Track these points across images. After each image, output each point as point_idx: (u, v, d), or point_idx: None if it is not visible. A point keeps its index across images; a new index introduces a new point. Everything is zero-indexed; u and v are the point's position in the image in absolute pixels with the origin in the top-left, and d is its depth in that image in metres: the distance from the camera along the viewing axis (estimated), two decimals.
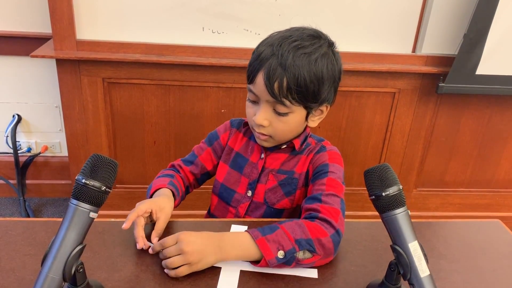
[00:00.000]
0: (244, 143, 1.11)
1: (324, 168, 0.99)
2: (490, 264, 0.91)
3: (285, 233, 0.85)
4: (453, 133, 2.13)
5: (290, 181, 1.05)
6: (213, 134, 1.16)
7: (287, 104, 0.91)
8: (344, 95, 1.97)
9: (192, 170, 1.14)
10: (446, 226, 1.06)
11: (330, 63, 0.93)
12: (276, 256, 0.83)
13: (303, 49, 0.90)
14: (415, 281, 0.71)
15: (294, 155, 1.05)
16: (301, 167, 1.05)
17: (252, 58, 0.95)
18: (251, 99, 0.97)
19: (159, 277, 0.81)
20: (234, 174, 1.11)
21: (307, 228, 0.86)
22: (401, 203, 0.73)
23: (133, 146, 2.01)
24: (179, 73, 1.85)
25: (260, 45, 0.95)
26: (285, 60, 0.88)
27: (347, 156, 2.12)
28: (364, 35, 1.89)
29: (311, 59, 0.90)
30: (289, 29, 0.96)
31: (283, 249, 0.83)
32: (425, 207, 2.31)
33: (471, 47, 1.82)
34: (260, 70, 0.91)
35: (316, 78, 0.90)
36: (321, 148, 1.05)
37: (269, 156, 1.07)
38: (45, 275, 0.65)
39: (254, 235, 0.85)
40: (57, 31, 1.74)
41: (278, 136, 0.99)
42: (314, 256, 0.85)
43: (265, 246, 0.83)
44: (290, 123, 0.96)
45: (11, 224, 0.92)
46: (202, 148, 1.15)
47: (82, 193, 0.67)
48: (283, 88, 0.89)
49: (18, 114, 2.15)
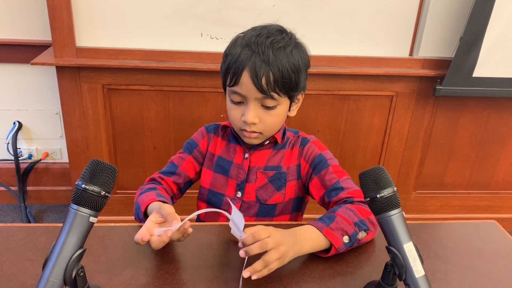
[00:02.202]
0: (225, 146, 1.13)
1: (321, 159, 1.06)
2: (486, 265, 0.92)
3: (344, 219, 0.91)
4: (451, 135, 2.15)
5: (279, 176, 1.09)
6: (190, 143, 1.17)
7: (275, 97, 0.96)
8: (342, 99, 1.99)
9: (175, 180, 1.13)
10: (442, 227, 1.07)
11: (302, 52, 1.00)
12: (343, 242, 0.89)
13: (278, 43, 0.95)
14: (411, 281, 0.72)
15: (278, 149, 1.10)
16: (287, 161, 1.09)
17: (229, 61, 0.97)
18: (235, 101, 0.99)
19: (159, 281, 0.82)
20: (220, 178, 1.12)
21: (357, 210, 0.93)
22: (396, 204, 0.74)
23: (133, 152, 2.03)
24: (178, 79, 1.87)
25: (232, 48, 0.98)
26: (267, 56, 0.93)
27: (346, 160, 2.13)
28: (361, 39, 1.91)
29: (287, 52, 0.95)
30: (254, 28, 1.00)
31: (347, 234, 0.89)
32: (425, 209, 2.32)
33: (467, 49, 1.84)
34: (244, 70, 0.94)
35: (295, 68, 0.96)
36: (303, 140, 1.11)
37: (253, 155, 1.10)
38: (46, 279, 0.66)
39: (319, 227, 0.89)
40: (57, 38, 1.76)
41: (269, 130, 1.03)
42: (369, 233, 0.93)
43: (332, 235, 0.88)
44: (278, 115, 1.01)
45: (12, 230, 0.93)
46: (182, 158, 1.15)
47: (82, 198, 0.68)
48: (270, 82, 0.94)
49: (19, 121, 2.16)
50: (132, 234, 0.94)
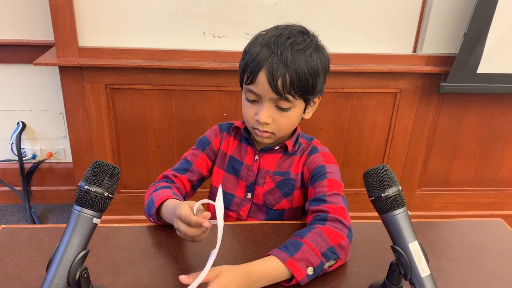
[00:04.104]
0: (236, 146, 1.12)
1: (321, 170, 1.02)
2: (491, 263, 0.92)
3: (311, 248, 0.85)
4: (455, 132, 2.13)
5: (287, 182, 1.07)
6: (203, 140, 1.15)
7: (290, 99, 0.95)
8: (346, 97, 1.98)
9: (189, 178, 1.11)
10: (448, 225, 1.06)
11: (322, 56, 0.98)
12: (306, 274, 0.83)
13: (298, 45, 0.93)
14: (416, 281, 0.71)
15: (288, 155, 1.08)
16: (295, 168, 1.07)
17: (248, 60, 0.96)
18: (250, 99, 0.98)
19: (162, 281, 0.82)
20: (231, 179, 1.12)
21: (327, 235, 0.87)
22: (401, 203, 0.73)
23: (137, 151, 2.03)
24: (181, 77, 1.86)
25: (252, 46, 0.97)
26: (285, 58, 0.91)
27: (350, 157, 2.13)
28: (364, 36, 1.90)
29: (307, 54, 0.94)
30: (276, 27, 0.99)
31: (312, 265, 0.84)
32: (429, 206, 2.31)
33: (471, 46, 1.82)
34: (261, 70, 0.93)
35: (313, 71, 0.95)
36: (313, 149, 1.08)
37: (263, 157, 1.08)
38: (50, 281, 0.66)
39: (282, 258, 0.84)
40: (59, 38, 1.76)
41: (281, 131, 1.01)
42: (338, 261, 0.88)
43: (295, 267, 0.83)
44: (292, 117, 0.99)
45: (16, 231, 0.93)
46: (196, 155, 1.13)
47: (85, 199, 0.68)
48: (286, 84, 0.92)
49: (23, 121, 2.17)
50: (135, 234, 0.95)
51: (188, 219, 0.80)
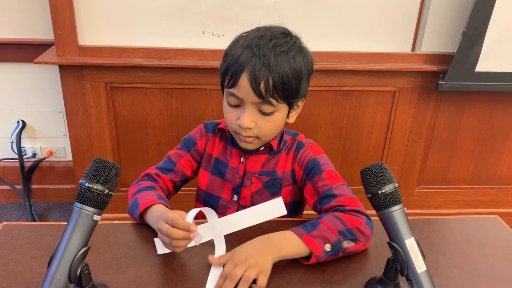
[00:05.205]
0: (222, 148, 1.11)
1: (315, 164, 1.02)
2: (488, 259, 0.92)
3: (328, 227, 0.88)
4: (454, 130, 2.14)
5: (274, 182, 1.07)
6: (188, 140, 1.14)
7: (273, 103, 0.93)
8: (344, 95, 1.99)
9: (172, 178, 1.10)
10: (445, 222, 1.07)
11: (305, 58, 0.96)
12: (324, 250, 0.86)
13: (281, 47, 0.91)
14: (412, 276, 0.72)
15: (274, 154, 1.07)
16: (282, 166, 1.06)
17: (229, 62, 0.93)
18: (232, 103, 0.96)
19: (162, 278, 0.82)
20: (216, 181, 1.11)
21: (345, 219, 0.90)
22: (397, 200, 0.74)
23: (137, 150, 2.03)
24: (180, 76, 1.87)
25: (234, 48, 0.94)
26: (268, 60, 0.89)
27: (348, 156, 2.13)
28: (363, 35, 1.90)
29: (290, 56, 0.92)
30: (258, 29, 0.96)
31: (329, 242, 0.86)
32: (428, 204, 2.32)
33: (470, 44, 1.83)
34: (242, 72, 0.90)
35: (297, 74, 0.93)
36: (299, 144, 1.07)
37: (249, 159, 1.07)
38: (51, 277, 0.67)
39: (299, 234, 0.87)
40: (59, 37, 1.76)
41: (265, 136, 0.99)
42: (357, 243, 0.89)
43: (312, 243, 0.86)
44: (276, 121, 0.97)
45: (17, 228, 0.94)
46: (180, 155, 1.12)
47: (85, 196, 0.69)
48: (269, 88, 0.90)
49: (23, 120, 2.18)
50: (136, 231, 0.96)
51: (176, 221, 0.82)
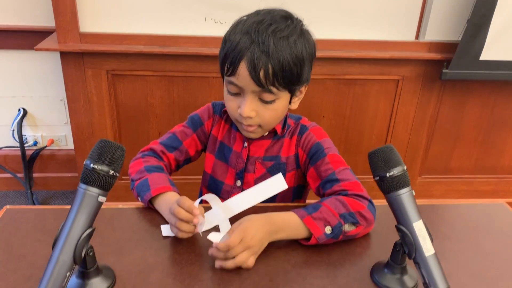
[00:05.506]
0: (226, 131, 1.09)
1: (318, 148, 1.01)
2: (494, 245, 0.92)
3: (329, 209, 0.88)
4: (457, 120, 2.13)
5: (278, 167, 1.05)
6: (196, 120, 1.11)
7: (274, 91, 0.90)
8: (347, 83, 1.97)
9: (176, 157, 1.09)
10: (451, 208, 1.06)
11: (306, 42, 0.92)
12: (324, 232, 0.86)
13: (281, 32, 0.87)
14: (420, 260, 0.72)
15: (277, 139, 1.05)
16: (286, 150, 1.05)
17: (227, 49, 0.90)
18: (232, 92, 0.93)
19: (166, 261, 0.82)
20: (220, 165, 1.10)
21: (347, 202, 0.89)
22: (406, 183, 0.73)
23: (138, 138, 2.02)
24: (182, 64, 1.86)
25: (232, 34, 0.90)
26: (267, 47, 0.85)
27: (351, 145, 2.13)
28: (367, 23, 1.89)
29: (290, 42, 0.88)
30: (258, 12, 0.92)
31: (330, 224, 0.86)
32: (430, 194, 2.32)
33: (474, 32, 1.82)
34: (241, 61, 0.87)
35: (298, 60, 0.89)
36: (302, 128, 1.05)
37: (252, 144, 1.05)
38: (56, 258, 0.66)
39: (300, 215, 0.87)
40: (60, 24, 1.75)
41: (267, 124, 0.97)
42: (358, 227, 0.89)
43: (313, 224, 0.86)
44: (277, 109, 0.95)
45: (21, 212, 0.94)
46: (187, 134, 1.10)
47: (90, 177, 0.68)
48: (269, 76, 0.87)
49: (24, 108, 2.16)
50: (140, 215, 0.95)
51: (182, 201, 0.83)
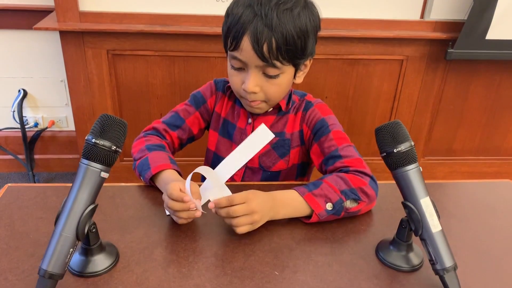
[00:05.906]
0: (230, 108, 1.08)
1: (323, 124, 1.01)
2: (500, 222, 0.91)
3: (330, 186, 0.87)
4: (461, 100, 2.11)
5: (283, 143, 1.05)
6: (198, 97, 1.09)
7: (278, 66, 0.89)
8: (351, 63, 1.95)
9: (179, 135, 1.08)
10: (457, 186, 1.06)
11: (311, 14, 0.90)
12: (325, 209, 0.85)
13: (284, 4, 0.86)
14: (427, 236, 0.71)
15: (282, 115, 1.04)
16: (291, 127, 1.04)
17: (230, 23, 0.88)
18: (236, 67, 0.93)
19: (170, 238, 0.81)
20: (224, 142, 1.09)
21: (348, 179, 0.89)
22: (413, 159, 0.72)
23: (139, 119, 2.01)
24: (183, 43, 1.83)
25: (235, 7, 0.89)
26: (270, 20, 0.84)
27: (354, 126, 2.11)
28: (371, 1, 1.85)
29: (294, 14, 0.86)
30: None
31: (331, 201, 0.86)
32: (433, 176, 2.31)
33: (481, 11, 1.78)
34: (244, 35, 0.86)
35: (302, 33, 0.88)
36: (307, 104, 1.05)
37: (257, 120, 1.04)
38: (59, 234, 0.65)
39: (301, 192, 0.86)
40: (59, 2, 1.72)
41: (272, 99, 0.97)
42: (360, 203, 0.88)
43: (313, 201, 0.85)
44: (281, 84, 0.94)
45: (22, 190, 0.93)
46: (189, 112, 1.09)
47: (92, 153, 0.67)
48: (272, 50, 0.86)
49: (24, 89, 2.14)
50: (143, 193, 0.94)
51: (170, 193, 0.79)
